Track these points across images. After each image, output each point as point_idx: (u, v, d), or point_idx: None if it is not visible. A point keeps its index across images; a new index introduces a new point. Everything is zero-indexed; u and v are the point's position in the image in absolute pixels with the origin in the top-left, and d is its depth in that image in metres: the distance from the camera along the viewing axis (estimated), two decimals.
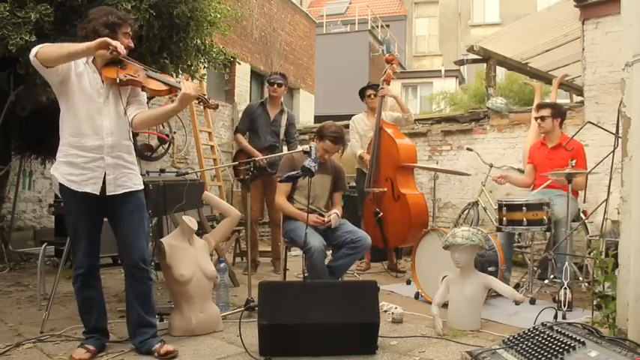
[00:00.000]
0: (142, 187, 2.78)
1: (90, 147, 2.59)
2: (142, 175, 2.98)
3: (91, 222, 2.68)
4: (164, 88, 2.70)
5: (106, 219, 2.77)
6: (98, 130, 2.59)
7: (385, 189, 4.83)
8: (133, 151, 2.77)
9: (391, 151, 4.87)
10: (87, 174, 2.59)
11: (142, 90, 2.74)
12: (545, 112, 4.37)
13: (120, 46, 2.49)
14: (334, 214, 3.70)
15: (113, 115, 2.64)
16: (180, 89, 2.65)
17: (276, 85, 5.11)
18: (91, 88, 2.61)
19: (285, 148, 5.30)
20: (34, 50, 2.48)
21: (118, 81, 2.59)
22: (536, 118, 4.49)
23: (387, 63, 5.11)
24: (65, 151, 2.62)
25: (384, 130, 4.95)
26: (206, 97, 2.83)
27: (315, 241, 3.45)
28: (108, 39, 2.46)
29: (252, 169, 3.61)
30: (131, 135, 2.74)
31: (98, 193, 2.60)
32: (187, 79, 5.43)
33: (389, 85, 5.10)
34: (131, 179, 2.70)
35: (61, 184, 2.62)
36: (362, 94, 5.47)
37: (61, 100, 2.62)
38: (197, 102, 2.82)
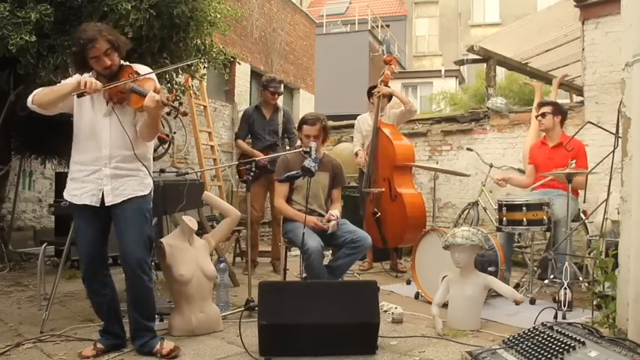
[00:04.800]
0: (145, 192, 2.71)
1: (88, 160, 2.65)
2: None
3: (93, 233, 2.70)
4: (140, 100, 2.55)
5: None
6: (98, 143, 2.63)
7: (383, 189, 4.83)
8: (137, 159, 2.67)
9: (388, 151, 4.86)
10: (86, 186, 2.65)
11: (129, 106, 2.64)
12: (547, 109, 4.40)
13: (89, 84, 2.49)
14: (333, 222, 3.58)
15: (115, 127, 2.63)
16: (146, 95, 2.53)
17: (277, 95, 5.18)
18: (92, 103, 2.65)
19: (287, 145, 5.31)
20: (29, 99, 2.60)
21: (106, 95, 2.60)
22: (537, 116, 4.51)
23: (385, 64, 5.11)
24: (71, 168, 2.73)
25: (381, 130, 4.95)
26: (172, 103, 2.63)
27: (313, 242, 3.42)
28: (82, 80, 2.52)
29: (254, 169, 3.63)
30: (135, 145, 2.66)
31: (98, 205, 2.63)
32: (187, 81, 5.44)
33: (386, 86, 5.10)
34: (131, 186, 2.67)
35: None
36: (369, 93, 5.48)
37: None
38: (166, 114, 2.73)
